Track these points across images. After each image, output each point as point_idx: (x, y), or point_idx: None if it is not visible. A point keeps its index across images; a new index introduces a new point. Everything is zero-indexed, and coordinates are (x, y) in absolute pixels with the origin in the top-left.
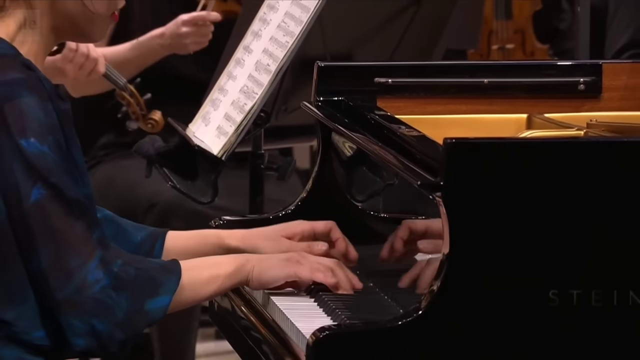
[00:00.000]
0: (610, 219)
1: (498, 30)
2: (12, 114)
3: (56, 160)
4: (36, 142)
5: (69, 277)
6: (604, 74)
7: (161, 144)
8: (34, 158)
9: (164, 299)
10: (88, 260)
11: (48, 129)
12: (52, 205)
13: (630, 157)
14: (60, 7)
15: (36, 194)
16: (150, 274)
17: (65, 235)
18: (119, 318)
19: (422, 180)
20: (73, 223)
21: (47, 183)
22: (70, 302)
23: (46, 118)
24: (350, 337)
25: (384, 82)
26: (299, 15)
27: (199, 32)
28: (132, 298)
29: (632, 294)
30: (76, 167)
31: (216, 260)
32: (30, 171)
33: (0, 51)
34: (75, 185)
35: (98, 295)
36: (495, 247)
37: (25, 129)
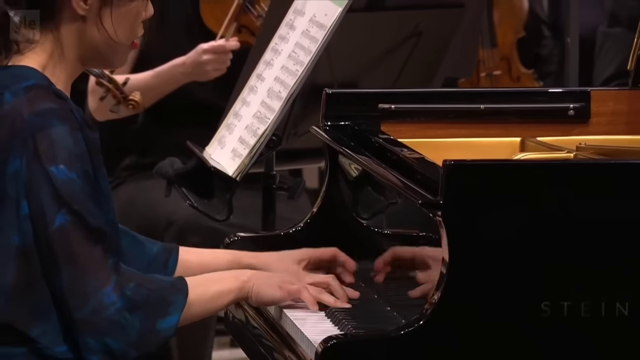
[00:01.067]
0: (600, 236)
1: (485, 58)
2: (44, 143)
3: (82, 187)
4: (65, 169)
5: (86, 299)
6: (592, 101)
7: (180, 166)
8: (62, 185)
9: (174, 318)
10: (104, 284)
11: (77, 157)
12: (74, 231)
13: (617, 178)
14: (87, 37)
15: (60, 220)
16: (161, 294)
17: (85, 260)
18: (132, 338)
19: (423, 199)
20: (92, 249)
21: (71, 210)
22: (86, 322)
23: (75, 147)
24: (355, 345)
25: (387, 108)
26: (308, 45)
27: (218, 59)
28: (144, 319)
29: (619, 305)
30: (102, 193)
31: (220, 276)
32: (56, 198)
33: (34, 81)
34: (99, 211)
35: (113, 317)
36: (491, 262)
37: (56, 156)
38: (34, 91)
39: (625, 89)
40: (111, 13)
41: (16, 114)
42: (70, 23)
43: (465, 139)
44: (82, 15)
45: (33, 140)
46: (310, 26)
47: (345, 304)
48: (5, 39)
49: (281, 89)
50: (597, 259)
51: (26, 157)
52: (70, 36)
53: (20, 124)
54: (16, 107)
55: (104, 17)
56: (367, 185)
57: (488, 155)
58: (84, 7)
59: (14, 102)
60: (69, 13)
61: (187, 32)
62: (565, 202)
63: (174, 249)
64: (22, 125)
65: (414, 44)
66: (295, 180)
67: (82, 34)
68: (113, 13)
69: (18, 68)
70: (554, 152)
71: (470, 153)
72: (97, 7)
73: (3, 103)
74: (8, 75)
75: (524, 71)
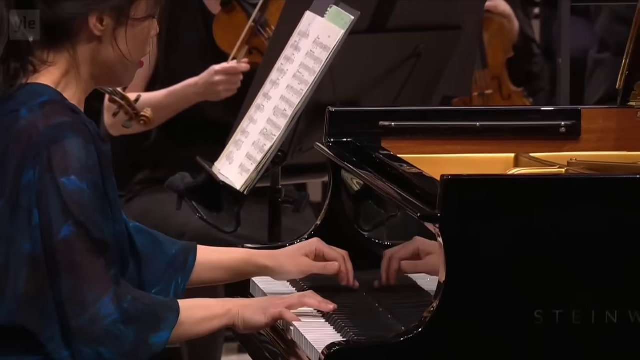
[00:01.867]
0: (590, 247)
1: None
2: (57, 154)
3: (91, 198)
4: (76, 180)
5: (84, 308)
6: (583, 118)
7: (190, 180)
8: (71, 194)
9: (165, 334)
10: (103, 295)
11: (88, 169)
12: (77, 242)
13: (607, 192)
14: (102, 56)
15: (65, 231)
16: (155, 309)
17: (86, 270)
18: (125, 349)
19: (422, 212)
20: (94, 260)
21: (76, 222)
22: (83, 330)
23: (87, 159)
24: (357, 352)
25: (387, 125)
26: (312, 66)
27: (230, 80)
28: (138, 332)
29: (608, 314)
30: (110, 204)
31: (208, 303)
32: (64, 210)
33: (48, 97)
34: (104, 223)
35: (109, 327)
36: (486, 272)
37: (68, 167)
38: (49, 106)
39: (614, 107)
40: (125, 33)
41: (32, 128)
42: (87, 43)
43: (461, 155)
44: (98, 36)
45: (47, 152)
46: (315, 47)
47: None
48: (25, 61)
49: (287, 107)
50: (587, 269)
51: (39, 168)
52: (85, 55)
53: (36, 136)
54: (32, 121)
55: (118, 37)
56: (368, 199)
57: (483, 171)
58: (100, 28)
59: (30, 117)
60: (86, 34)
61: (201, 54)
62: (556, 215)
63: (192, 249)
64: (37, 137)
65: (413, 65)
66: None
67: (97, 53)
68: (127, 33)
69: (33, 85)
70: (546, 167)
71: (466, 168)
72: (112, 28)
73: (20, 118)
74: (24, 92)
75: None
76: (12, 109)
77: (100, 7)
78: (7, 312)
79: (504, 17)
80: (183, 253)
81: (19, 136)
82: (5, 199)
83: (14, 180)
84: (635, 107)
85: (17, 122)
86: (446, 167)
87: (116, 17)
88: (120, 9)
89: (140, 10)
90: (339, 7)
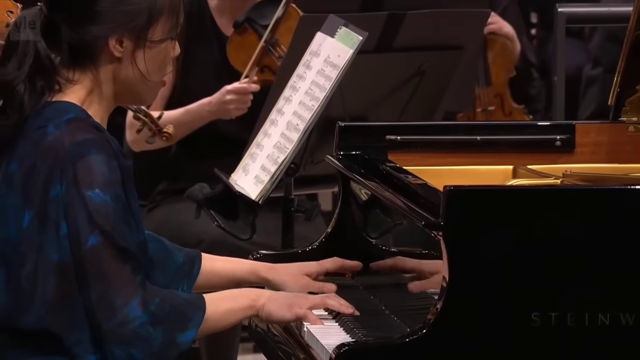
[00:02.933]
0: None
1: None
2: (82, 169)
3: (115, 210)
4: (100, 193)
5: (113, 313)
6: (577, 133)
7: (208, 191)
8: (97, 206)
9: (192, 333)
10: (130, 299)
11: (111, 183)
12: (104, 251)
13: (599, 202)
14: (122, 76)
15: (93, 241)
16: (181, 309)
17: (113, 277)
18: (154, 349)
19: (426, 220)
20: (120, 267)
21: (102, 231)
22: (113, 333)
23: (110, 173)
24: (365, 352)
25: (394, 139)
26: (323, 83)
27: (240, 100)
28: (166, 333)
29: (601, 316)
30: (132, 215)
31: (233, 294)
32: (90, 221)
33: (74, 115)
34: (128, 232)
35: (138, 330)
36: (487, 276)
37: (93, 181)
38: (74, 123)
39: (607, 122)
40: (144, 54)
41: (59, 144)
42: (108, 64)
43: (463, 167)
44: (118, 57)
45: (73, 167)
46: (325, 66)
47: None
48: (51, 79)
49: (299, 122)
50: (581, 274)
51: (66, 182)
52: (107, 75)
53: (62, 152)
54: (59, 138)
55: (137, 58)
56: (375, 208)
57: (483, 182)
58: (120, 49)
59: (56, 134)
60: (107, 55)
61: (216, 73)
62: (552, 224)
63: (196, 258)
64: (63, 153)
65: (417, 82)
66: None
67: (118, 73)
68: (145, 54)
69: (59, 103)
70: (542, 178)
71: (467, 179)
72: (131, 49)
73: (47, 134)
74: (52, 109)
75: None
76: (40, 125)
77: (119, 30)
78: (36, 318)
79: (508, 38)
80: (189, 261)
81: (46, 151)
82: (34, 211)
83: (43, 193)
84: (626, 122)
85: (45, 138)
86: (448, 179)
87: (134, 39)
88: (138, 32)
89: (157, 33)
90: (348, 28)
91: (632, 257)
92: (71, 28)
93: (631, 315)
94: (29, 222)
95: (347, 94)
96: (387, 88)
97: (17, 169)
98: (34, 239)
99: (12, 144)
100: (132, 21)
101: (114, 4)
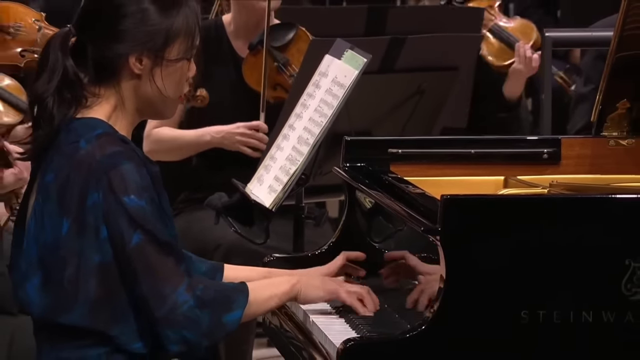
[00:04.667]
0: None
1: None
2: (116, 178)
3: (151, 212)
4: (135, 198)
5: (164, 300)
6: (562, 146)
7: (226, 199)
8: (134, 211)
9: (237, 313)
10: (177, 286)
11: (143, 188)
12: (148, 247)
13: (583, 209)
14: (142, 92)
15: (136, 239)
16: (226, 293)
17: (160, 269)
18: (203, 329)
19: (425, 226)
20: (165, 259)
21: (144, 230)
22: (165, 318)
23: (141, 180)
24: (369, 346)
25: (395, 152)
26: (331, 101)
27: (251, 135)
28: (212, 314)
29: (584, 314)
30: (166, 215)
31: (274, 281)
32: (131, 222)
33: (102, 130)
34: (165, 229)
35: (187, 313)
36: (481, 277)
37: (127, 188)
38: (104, 138)
39: (590, 137)
40: (161, 72)
41: (90, 157)
42: (129, 80)
43: (458, 178)
44: (137, 74)
45: (107, 177)
46: (333, 85)
47: (368, 313)
48: (78, 95)
49: (309, 136)
50: (566, 276)
51: (102, 191)
52: (128, 91)
53: (95, 164)
54: (90, 151)
55: (155, 75)
56: (378, 215)
57: (477, 191)
58: (139, 67)
59: (88, 148)
60: (128, 72)
61: (232, 90)
62: (540, 229)
63: (219, 269)
64: (96, 165)
65: (417, 100)
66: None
67: (138, 89)
68: (162, 72)
69: (89, 120)
70: (531, 188)
71: (463, 189)
72: (149, 67)
73: (79, 149)
74: (82, 126)
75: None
76: (72, 140)
77: (139, 48)
78: (79, 316)
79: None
80: (211, 272)
81: (79, 164)
82: (72, 219)
83: (79, 202)
84: (607, 136)
85: (77, 152)
86: (446, 188)
87: (152, 58)
88: (156, 51)
89: (173, 52)
90: (353, 51)
91: (613, 259)
92: (96, 46)
93: (612, 313)
94: (67, 229)
95: (353, 111)
96: (389, 106)
97: (52, 181)
98: (73, 244)
99: (47, 157)
100: (151, 41)
101: (135, 24)
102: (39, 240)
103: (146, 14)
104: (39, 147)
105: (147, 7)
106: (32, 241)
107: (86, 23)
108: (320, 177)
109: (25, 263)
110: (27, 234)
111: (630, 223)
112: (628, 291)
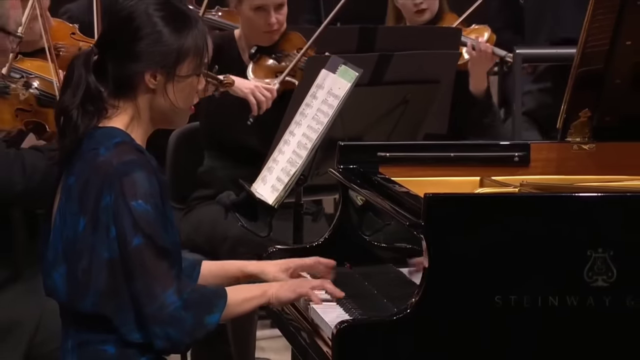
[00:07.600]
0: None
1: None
2: (127, 184)
3: (155, 217)
4: (142, 203)
5: (154, 299)
6: (531, 150)
7: (234, 197)
8: (140, 214)
9: (216, 316)
10: (167, 288)
11: (151, 195)
12: (147, 250)
13: (550, 206)
14: (156, 104)
15: (137, 241)
16: (208, 297)
17: (154, 271)
18: (186, 328)
19: (410, 221)
20: (160, 263)
21: (145, 234)
22: (154, 316)
23: (150, 187)
24: (361, 327)
25: (384, 156)
26: (326, 110)
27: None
28: (195, 315)
29: (551, 299)
30: (169, 222)
31: (249, 287)
32: (135, 225)
33: (120, 139)
34: (166, 235)
35: (173, 313)
36: (459, 267)
37: (136, 194)
38: (121, 146)
39: (555, 142)
40: (173, 87)
41: (108, 164)
42: (145, 94)
43: (440, 178)
44: (152, 89)
45: (120, 182)
46: (328, 96)
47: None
48: (99, 107)
49: (307, 141)
50: (534, 265)
51: (114, 194)
52: (144, 104)
53: (111, 170)
54: (108, 158)
55: (168, 89)
56: (369, 211)
57: (456, 190)
58: (154, 82)
59: (106, 155)
60: (144, 87)
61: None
62: (511, 224)
63: (197, 264)
64: (112, 171)
65: (403, 110)
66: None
67: (153, 102)
68: (174, 87)
69: (108, 129)
70: (504, 187)
71: (443, 188)
72: (163, 82)
73: (99, 155)
74: (102, 134)
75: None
76: (93, 147)
77: (153, 67)
78: (91, 304)
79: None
80: (190, 267)
81: (98, 169)
82: (88, 217)
83: (95, 203)
84: (571, 142)
85: (97, 158)
86: (428, 187)
87: (166, 74)
88: (169, 68)
89: (184, 69)
90: (347, 66)
91: (576, 251)
92: (116, 65)
93: (575, 298)
94: (84, 226)
95: (346, 119)
96: (378, 114)
97: (74, 183)
98: (88, 240)
99: (71, 162)
100: (164, 59)
101: (150, 45)
102: (63, 235)
103: (160, 36)
104: (64, 154)
105: (160, 29)
106: (57, 235)
107: (107, 44)
108: (317, 178)
109: (52, 254)
110: (53, 228)
111: (591, 218)
112: (589, 279)
